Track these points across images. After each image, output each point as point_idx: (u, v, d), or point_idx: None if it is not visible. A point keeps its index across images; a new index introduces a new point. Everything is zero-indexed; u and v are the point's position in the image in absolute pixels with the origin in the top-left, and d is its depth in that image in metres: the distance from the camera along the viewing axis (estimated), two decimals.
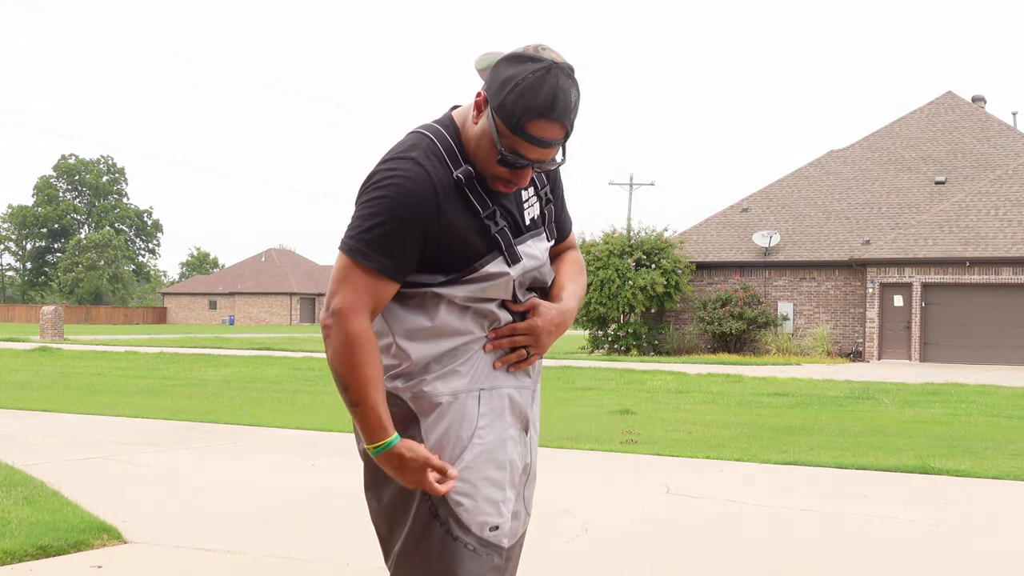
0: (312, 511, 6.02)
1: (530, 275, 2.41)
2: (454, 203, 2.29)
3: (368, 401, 2.25)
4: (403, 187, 2.24)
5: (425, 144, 2.32)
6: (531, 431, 2.51)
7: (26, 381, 16.45)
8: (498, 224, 2.34)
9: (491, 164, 2.28)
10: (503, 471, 2.36)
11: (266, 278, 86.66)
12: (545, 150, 2.25)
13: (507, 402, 2.39)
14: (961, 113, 36.25)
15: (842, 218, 33.03)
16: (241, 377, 18.35)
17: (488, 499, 2.33)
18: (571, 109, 2.24)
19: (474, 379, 2.36)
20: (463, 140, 2.33)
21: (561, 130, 2.24)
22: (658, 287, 30.53)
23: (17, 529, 5.15)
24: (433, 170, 2.27)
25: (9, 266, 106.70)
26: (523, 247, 2.40)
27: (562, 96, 2.21)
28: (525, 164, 2.26)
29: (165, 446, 8.78)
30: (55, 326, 38.58)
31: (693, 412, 12.84)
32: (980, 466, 8.15)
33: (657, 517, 6.03)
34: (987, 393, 16.50)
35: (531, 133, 2.22)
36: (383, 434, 2.27)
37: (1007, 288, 28.71)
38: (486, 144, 2.27)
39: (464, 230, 2.29)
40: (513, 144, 2.24)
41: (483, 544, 2.33)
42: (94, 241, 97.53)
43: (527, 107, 2.20)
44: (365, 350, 2.25)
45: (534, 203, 2.46)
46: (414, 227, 2.25)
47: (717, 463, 8.21)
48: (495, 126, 2.24)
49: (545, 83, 2.20)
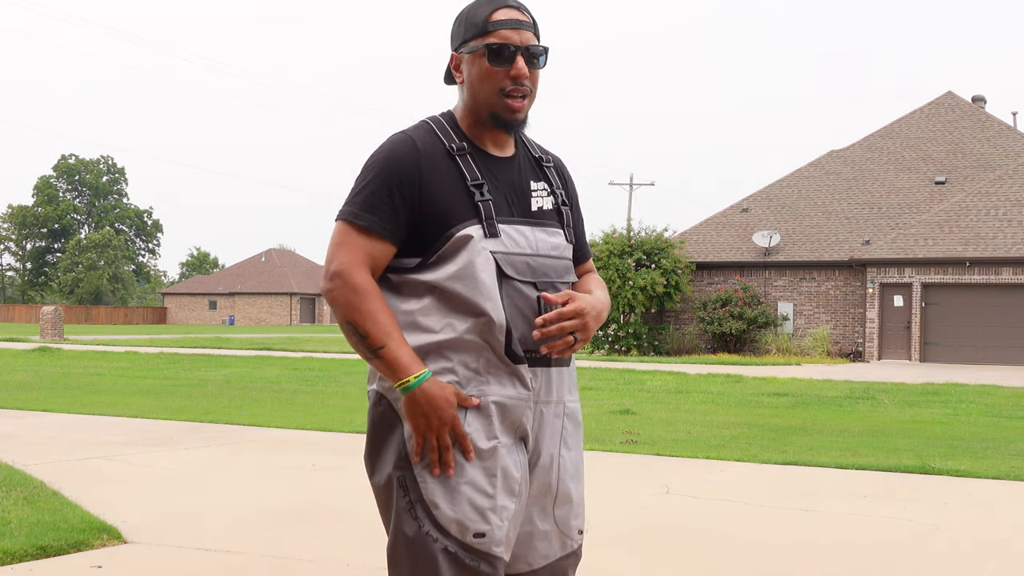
0: (312, 511, 6.02)
1: (520, 259, 2.37)
2: (441, 169, 2.36)
3: (391, 342, 2.26)
4: (387, 152, 2.37)
5: (420, 124, 2.45)
6: (549, 449, 2.44)
7: (26, 381, 16.44)
8: (484, 195, 2.36)
9: (492, 92, 2.37)
10: (492, 477, 2.31)
11: (266, 278, 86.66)
12: (520, 31, 2.37)
13: (494, 410, 2.34)
14: (961, 113, 36.24)
15: (842, 218, 33.02)
16: (241, 377, 18.35)
17: (471, 504, 2.28)
18: (523, 4, 2.41)
19: (461, 385, 2.33)
20: (459, 119, 2.45)
21: (521, 13, 2.39)
22: (658, 287, 30.52)
23: (17, 529, 5.15)
24: (420, 139, 2.38)
25: (9, 266, 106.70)
26: (513, 227, 2.38)
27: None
28: (512, 49, 2.35)
29: (165, 446, 8.78)
30: (55, 326, 38.57)
31: (693, 412, 12.84)
32: (980, 466, 8.15)
33: (657, 517, 6.03)
34: (987, 393, 16.50)
35: (498, 19, 2.37)
36: (416, 367, 2.27)
37: (1007, 288, 28.70)
38: (476, 77, 2.39)
39: (449, 193, 2.34)
40: (490, 40, 2.36)
41: (467, 550, 2.28)
42: (94, 241, 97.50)
43: (483, 7, 2.39)
44: (375, 296, 2.29)
45: (544, 195, 2.48)
46: (398, 186, 2.33)
47: (717, 463, 8.21)
48: (471, 50, 2.38)
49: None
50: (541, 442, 2.45)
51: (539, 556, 2.44)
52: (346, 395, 14.80)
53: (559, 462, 2.46)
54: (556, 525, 2.45)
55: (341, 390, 15.70)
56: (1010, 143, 34.46)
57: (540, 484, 2.44)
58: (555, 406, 2.47)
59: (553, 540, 2.45)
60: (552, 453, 2.45)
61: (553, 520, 2.45)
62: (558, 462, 2.46)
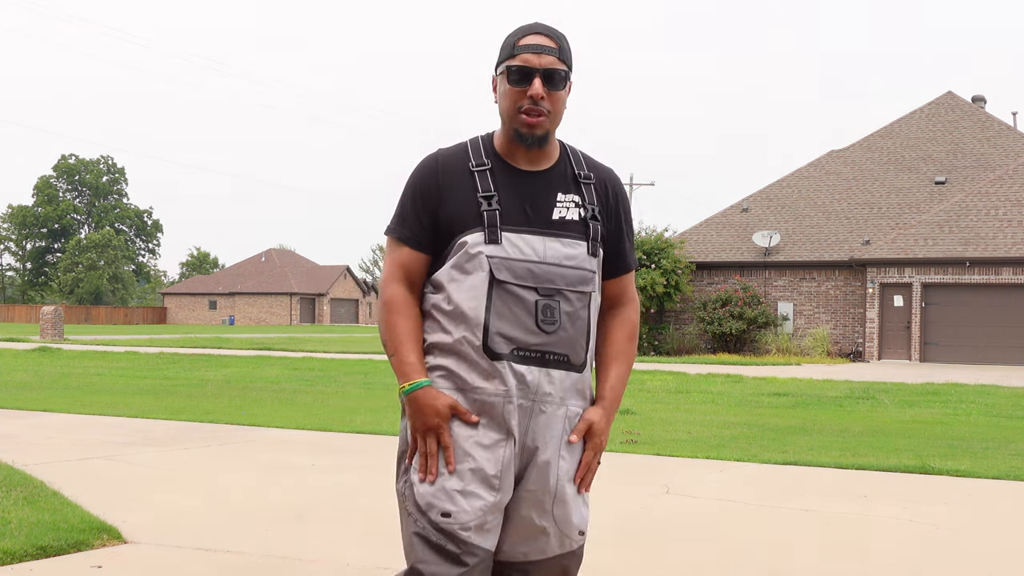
0: (312, 511, 6.02)
1: (522, 265, 2.51)
2: (457, 183, 2.57)
3: (400, 351, 2.55)
4: (415, 169, 2.65)
5: (459, 143, 2.68)
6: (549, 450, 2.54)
7: (26, 381, 16.44)
8: (492, 206, 2.54)
9: (513, 110, 2.56)
10: (461, 464, 2.49)
11: (266, 278, 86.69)
12: (540, 55, 2.55)
13: (477, 407, 2.51)
14: (961, 113, 36.24)
15: (842, 218, 33.02)
16: (241, 377, 18.35)
17: (442, 487, 2.48)
18: (554, 30, 2.60)
19: (449, 378, 2.54)
20: (495, 136, 2.66)
21: (547, 39, 2.57)
22: (658, 287, 30.53)
23: (17, 529, 5.15)
24: (445, 156, 2.63)
25: (9, 266, 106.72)
26: (519, 236, 2.52)
27: (541, 23, 2.62)
28: (529, 70, 2.53)
29: (165, 446, 8.78)
30: (55, 326, 38.57)
31: (693, 412, 12.84)
32: (980, 466, 8.15)
33: (657, 517, 6.03)
34: (987, 393, 16.50)
35: (523, 44, 2.57)
36: (416, 375, 2.53)
37: (1007, 288, 28.70)
38: (502, 96, 2.59)
39: (460, 204, 2.55)
40: (513, 63, 2.57)
41: (436, 529, 2.48)
42: (94, 241, 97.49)
43: (514, 35, 2.61)
44: (396, 310, 2.57)
45: (571, 206, 2.61)
46: (420, 197, 2.60)
47: (717, 463, 8.21)
48: (501, 72, 2.60)
49: (525, 24, 2.64)
50: (539, 442, 2.54)
51: (536, 551, 2.56)
52: (346, 395, 14.80)
53: (559, 464, 2.56)
54: (555, 524, 2.56)
55: (341, 390, 15.70)
56: (1010, 143, 34.46)
57: (538, 483, 2.54)
58: (557, 407, 2.55)
59: (552, 538, 2.56)
60: (552, 454, 2.55)
61: (552, 519, 2.55)
62: (557, 464, 2.56)
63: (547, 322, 2.50)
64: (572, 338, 2.54)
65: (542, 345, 2.50)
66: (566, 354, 2.53)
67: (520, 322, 2.49)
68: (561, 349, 2.52)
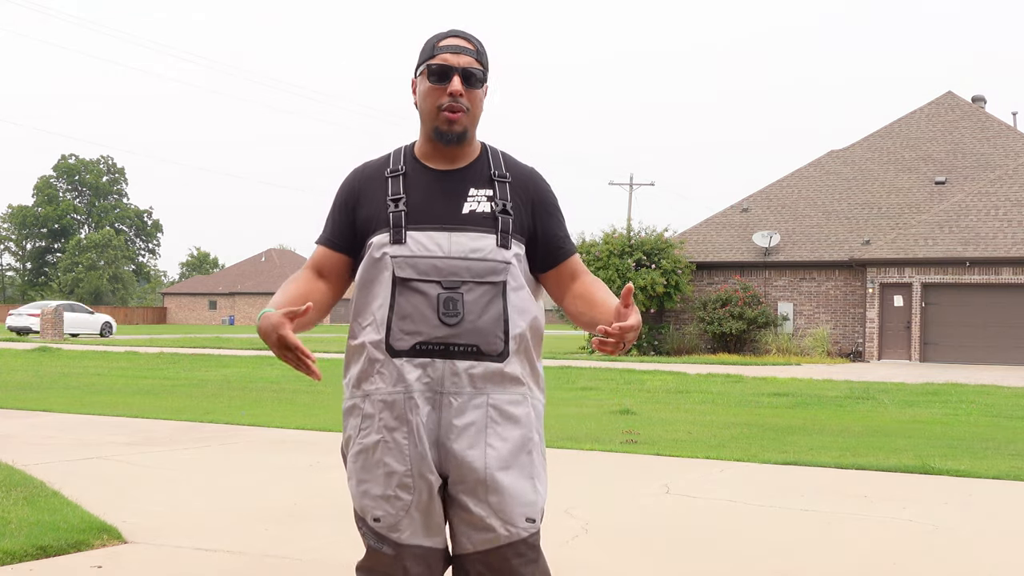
0: (312, 511, 6.02)
1: (426, 262, 2.58)
2: (373, 188, 2.69)
3: (272, 301, 2.68)
4: (342, 182, 2.79)
5: (388, 152, 2.78)
6: (467, 441, 2.57)
7: (26, 381, 16.45)
8: (399, 208, 2.63)
9: (433, 108, 2.64)
10: (377, 470, 2.59)
11: (266, 278, 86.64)
12: (459, 55, 2.64)
13: (380, 407, 2.59)
14: (961, 113, 36.24)
15: (842, 218, 33.02)
16: (241, 377, 18.36)
17: (368, 493, 2.61)
18: (471, 35, 2.70)
19: (359, 382, 2.65)
20: (416, 142, 2.75)
21: (465, 42, 2.67)
22: (658, 287, 30.53)
23: (17, 529, 5.15)
24: (367, 166, 2.76)
25: (9, 266, 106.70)
26: (425, 234, 2.60)
27: (459, 28, 2.72)
28: (448, 68, 2.62)
29: (165, 446, 8.78)
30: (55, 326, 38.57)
31: (693, 412, 12.84)
32: (980, 466, 8.15)
33: (657, 517, 6.03)
34: (987, 393, 16.50)
35: (442, 45, 2.66)
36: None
37: (1007, 288, 28.70)
38: (422, 95, 2.67)
39: (373, 208, 2.67)
40: (434, 62, 2.65)
41: (373, 533, 2.61)
42: (94, 241, 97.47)
43: (434, 38, 2.70)
44: (292, 279, 2.74)
45: (482, 200, 2.66)
46: (341, 204, 2.75)
47: (717, 463, 8.21)
48: (420, 72, 2.69)
49: (444, 30, 2.74)
50: (454, 433, 2.57)
51: (483, 541, 2.59)
52: None
53: (486, 452, 2.58)
54: (493, 512, 2.57)
55: (341, 390, 15.69)
56: (1010, 143, 34.46)
57: (463, 474, 2.58)
58: (472, 398, 2.58)
59: (495, 526, 2.58)
60: (470, 444, 2.57)
61: (488, 507, 2.57)
62: (484, 452, 2.57)
63: (449, 314, 2.55)
64: (481, 328, 2.56)
65: (446, 337, 2.55)
66: (476, 344, 2.56)
67: (424, 316, 2.55)
68: (468, 340, 2.56)
